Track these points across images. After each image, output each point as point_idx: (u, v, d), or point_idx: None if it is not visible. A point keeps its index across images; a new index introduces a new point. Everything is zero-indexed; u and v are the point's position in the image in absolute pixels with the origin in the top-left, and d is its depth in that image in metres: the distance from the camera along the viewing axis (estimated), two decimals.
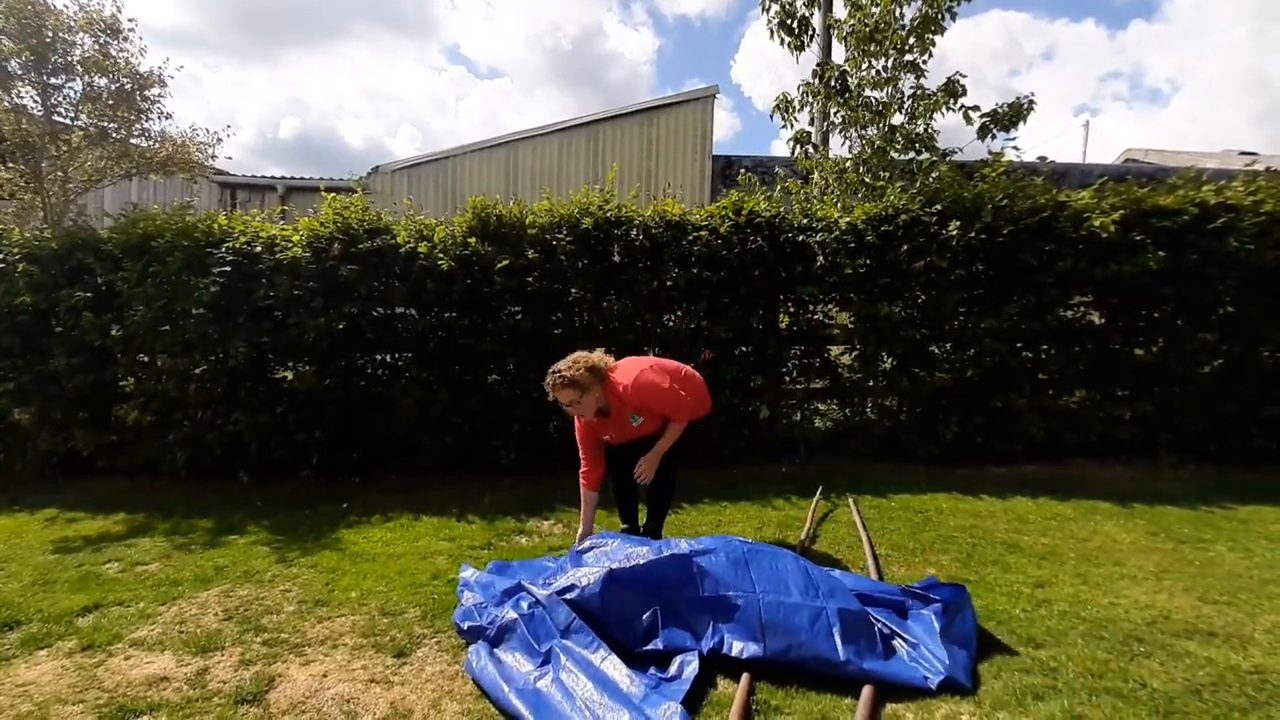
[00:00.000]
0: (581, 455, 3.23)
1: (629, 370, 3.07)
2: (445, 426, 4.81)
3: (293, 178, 12.27)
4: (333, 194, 4.82)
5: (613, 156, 11.63)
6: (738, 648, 2.22)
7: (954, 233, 4.73)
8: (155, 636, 2.52)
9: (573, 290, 4.83)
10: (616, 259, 4.91)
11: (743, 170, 7.03)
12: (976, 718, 1.98)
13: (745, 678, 2.12)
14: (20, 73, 6.22)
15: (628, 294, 4.90)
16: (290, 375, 4.59)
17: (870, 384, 5.20)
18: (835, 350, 5.34)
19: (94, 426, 4.74)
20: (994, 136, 6.14)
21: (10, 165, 6.65)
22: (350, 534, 3.66)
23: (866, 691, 2.04)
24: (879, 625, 2.35)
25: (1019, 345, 4.96)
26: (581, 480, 3.25)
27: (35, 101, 6.43)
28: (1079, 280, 4.82)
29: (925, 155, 6.16)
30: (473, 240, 4.67)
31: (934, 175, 5.64)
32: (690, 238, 4.86)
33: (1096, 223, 4.71)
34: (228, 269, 4.48)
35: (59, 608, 2.76)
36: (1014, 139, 6.24)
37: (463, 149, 11.98)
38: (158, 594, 2.90)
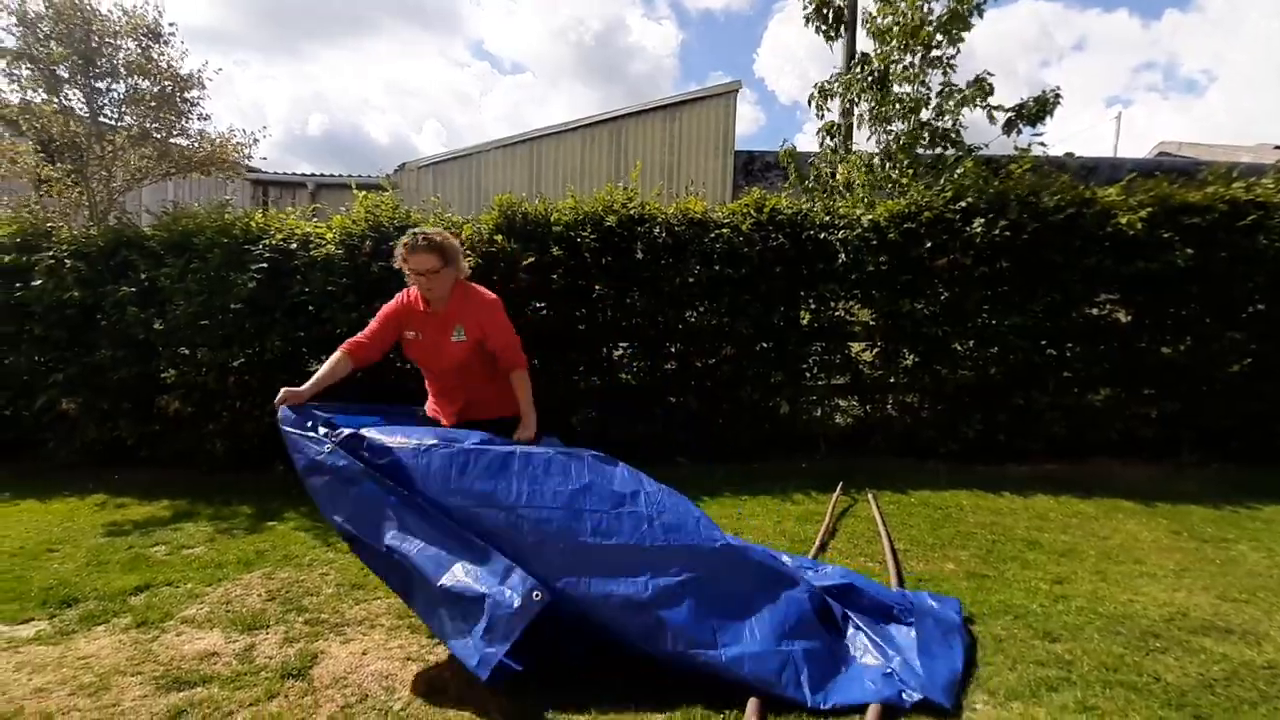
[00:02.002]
0: (367, 328, 2.77)
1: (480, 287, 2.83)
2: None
3: (323, 175, 12.54)
4: (364, 192, 4.96)
5: (635, 152, 11.69)
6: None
7: (978, 229, 4.72)
8: (204, 615, 2.67)
9: (596, 287, 4.92)
10: (639, 256, 4.99)
11: (781, 149, 6.96)
12: (991, 706, 2.03)
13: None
14: (68, 76, 6.47)
15: (650, 290, 4.97)
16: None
17: (891, 381, 5.22)
18: (856, 347, 5.37)
19: (137, 416, 4.94)
20: (1020, 131, 6.09)
21: (58, 164, 6.92)
22: None
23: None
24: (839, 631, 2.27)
25: (1043, 343, 4.94)
26: (346, 345, 2.71)
27: (81, 104, 6.69)
28: (1105, 277, 4.79)
29: (951, 151, 6.13)
30: (499, 237, 4.78)
31: (959, 171, 5.63)
32: (712, 235, 4.92)
33: (1123, 220, 4.68)
34: (265, 265, 4.63)
35: (112, 587, 2.93)
36: (1040, 134, 6.18)
37: (487, 146, 12.12)
38: (204, 575, 3.06)
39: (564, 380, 5.03)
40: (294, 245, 4.75)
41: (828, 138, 6.83)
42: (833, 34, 6.98)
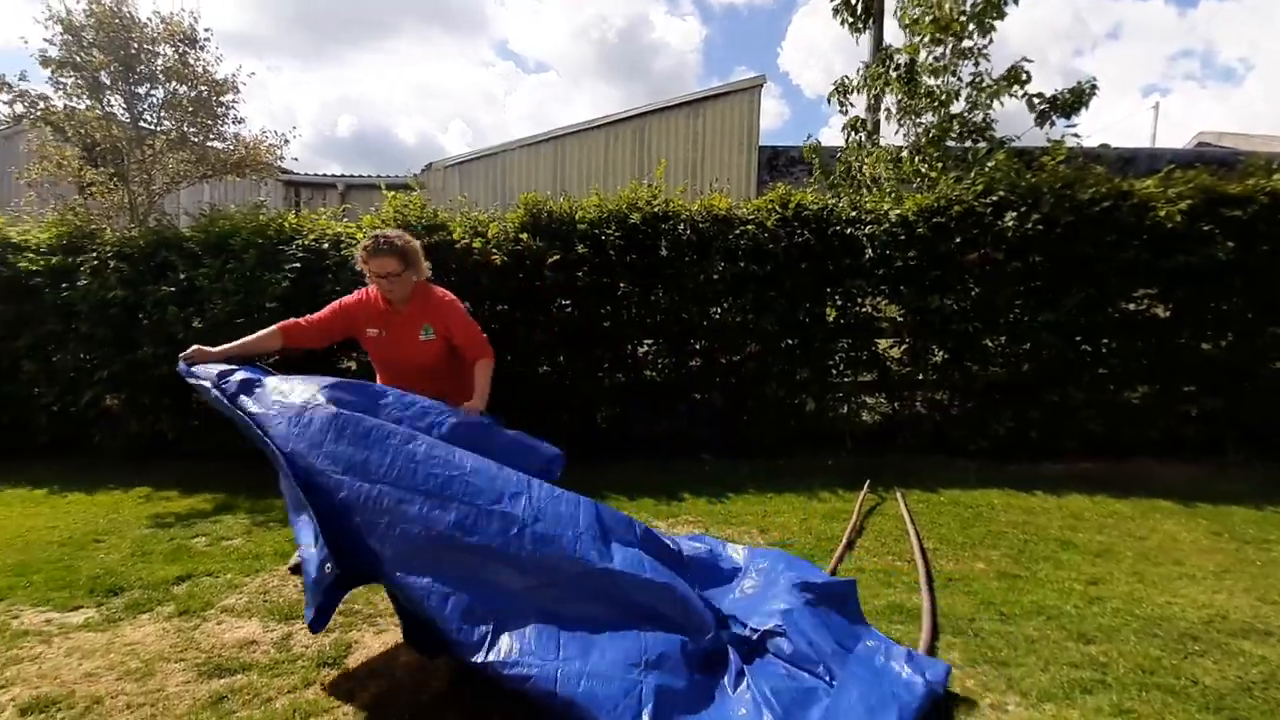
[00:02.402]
0: (316, 314, 2.79)
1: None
2: (497, 410, 4.98)
3: (352, 176, 12.76)
4: (393, 193, 5.05)
5: (659, 149, 11.68)
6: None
7: (1010, 223, 4.63)
8: (243, 605, 2.75)
9: (621, 284, 4.94)
10: (664, 253, 5.00)
11: (805, 145, 6.92)
12: (1023, 708, 2.00)
13: None
14: (109, 82, 6.69)
15: (675, 287, 4.97)
16: (354, 366, 4.85)
17: (920, 377, 5.15)
18: (883, 343, 5.31)
19: (177, 411, 5.09)
20: (1053, 123, 5.95)
21: (100, 168, 7.16)
22: None
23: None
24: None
25: (1077, 339, 4.83)
26: (283, 323, 2.74)
27: (123, 109, 6.91)
28: (1142, 272, 4.67)
29: (982, 143, 6.01)
30: (524, 236, 4.82)
31: (990, 164, 5.52)
32: (737, 231, 4.90)
33: (1162, 212, 4.55)
34: (297, 265, 4.75)
35: (156, 577, 3.03)
36: (1075, 125, 6.03)
37: (512, 145, 12.21)
38: (243, 566, 3.15)
39: (589, 377, 5.07)
40: (325, 245, 4.85)
41: (853, 132, 6.75)
42: (860, 26, 6.90)
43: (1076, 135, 5.83)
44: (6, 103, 6.64)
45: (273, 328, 2.73)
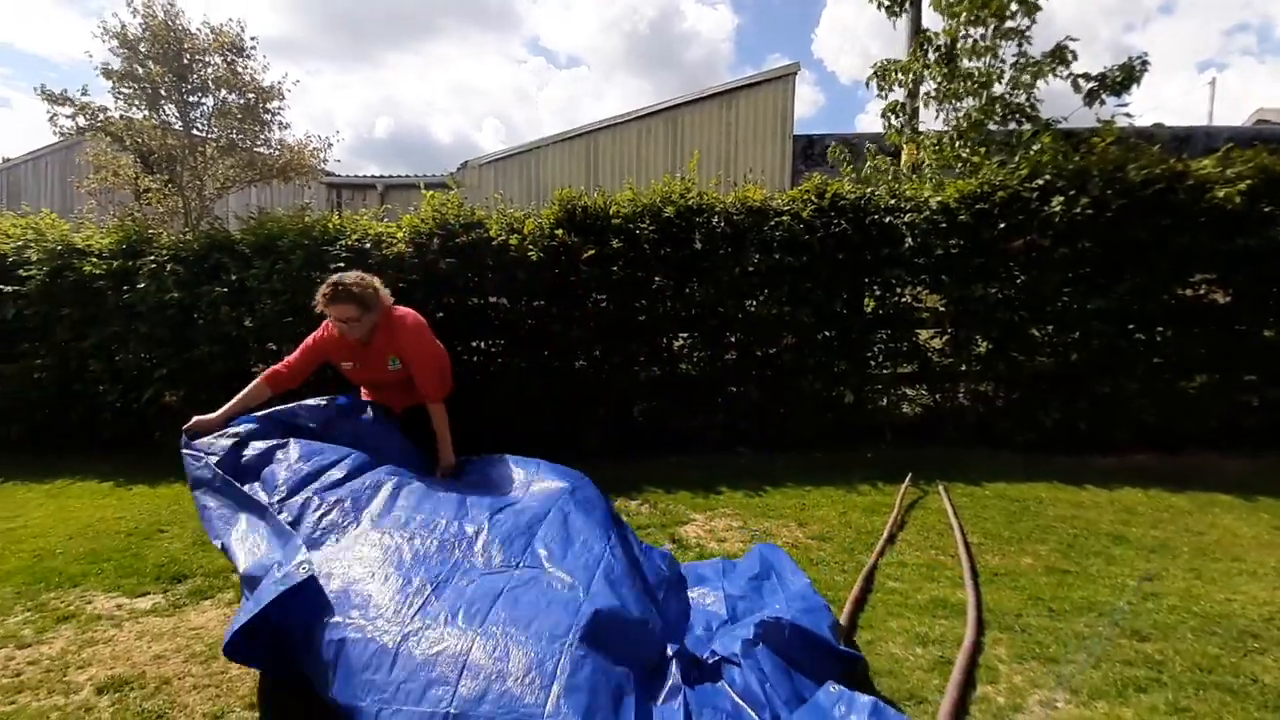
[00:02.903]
0: (290, 358, 2.98)
1: (403, 310, 3.02)
2: (536, 410, 5.06)
3: (391, 176, 13.04)
4: (431, 192, 5.15)
5: (691, 141, 11.62)
6: None
7: (1057, 208, 4.49)
8: None
9: (656, 278, 4.95)
10: (698, 246, 4.98)
11: (831, 145, 6.87)
12: (1074, 705, 1.96)
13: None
14: (164, 93, 6.98)
15: (709, 280, 4.96)
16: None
17: (963, 368, 5.04)
18: (924, 334, 5.20)
19: None
20: (1103, 102, 5.72)
21: (155, 175, 7.48)
22: None
23: (960, 663, 2.06)
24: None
25: (1130, 327, 4.66)
26: (267, 374, 2.95)
27: (176, 118, 7.21)
28: (1199, 256, 4.47)
29: (1026, 126, 5.82)
30: (560, 231, 4.87)
31: (1035, 147, 5.35)
32: (772, 223, 4.86)
33: (1220, 193, 4.35)
34: (342, 264, 4.88)
35: (216, 565, 3.17)
36: (1126, 104, 5.79)
37: (545, 141, 12.31)
38: None
39: (624, 371, 5.10)
40: (367, 244, 4.98)
41: (892, 118, 6.61)
42: (897, 9, 6.74)
43: (1128, 114, 5.62)
44: (69, 116, 6.99)
45: (258, 380, 2.99)
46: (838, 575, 2.90)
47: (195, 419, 2.77)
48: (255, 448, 2.66)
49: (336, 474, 2.55)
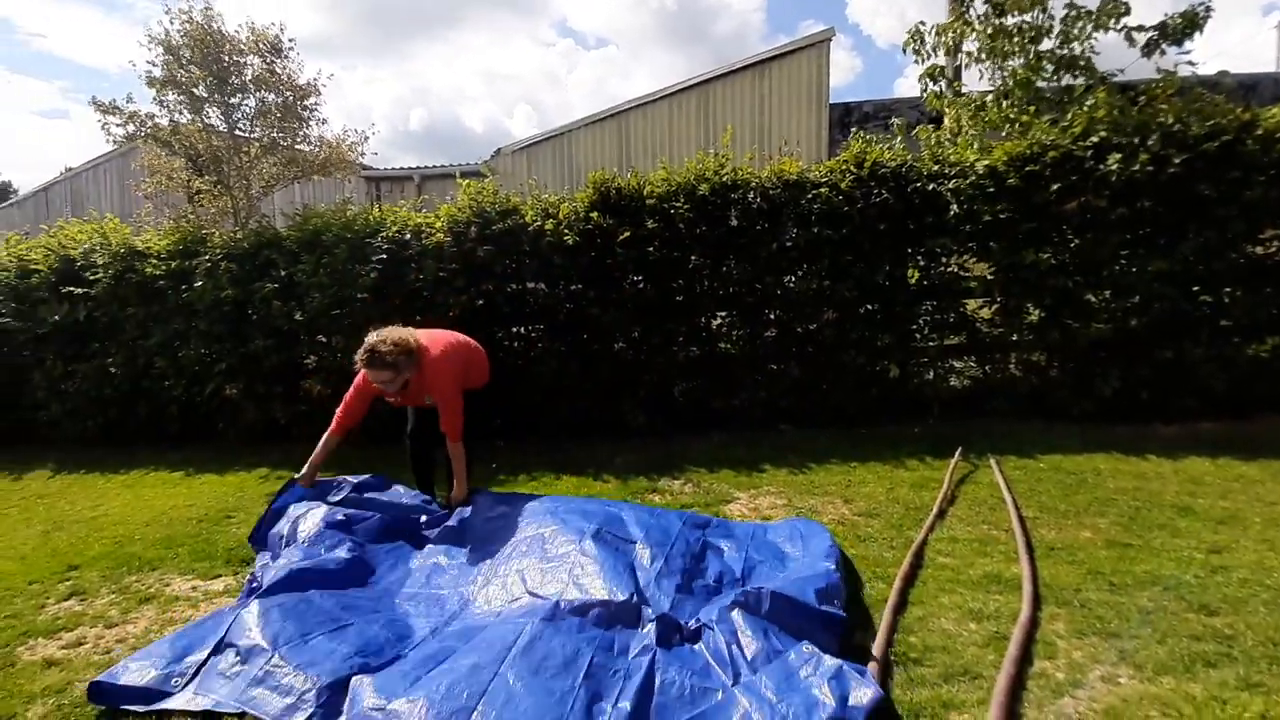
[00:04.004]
0: (343, 405, 3.37)
1: (436, 343, 3.29)
2: (577, 393, 5.11)
3: (427, 167, 13.21)
4: (467, 181, 5.20)
5: (724, 116, 11.41)
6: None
7: (1113, 166, 4.26)
8: None
9: (692, 257, 4.91)
10: (734, 223, 4.92)
11: (854, 129, 6.67)
12: (1138, 680, 1.91)
13: (884, 627, 2.17)
14: (207, 95, 7.21)
15: (747, 257, 4.90)
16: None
17: (1013, 338, 4.88)
18: (972, 304, 5.04)
19: (287, 399, 5.52)
20: (1163, 52, 5.38)
21: (205, 177, 7.76)
22: (503, 490, 4.05)
23: (1015, 641, 2.02)
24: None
25: (1195, 289, 4.42)
26: (334, 429, 3.37)
27: (220, 120, 7.44)
28: (1272, 211, 4.20)
29: (1080, 80, 5.52)
30: (594, 214, 4.87)
31: (1089, 103, 5.07)
32: (809, 196, 4.76)
33: None
34: (384, 256, 4.99)
35: None
36: (1188, 53, 5.43)
37: (576, 124, 12.26)
38: None
39: (663, 352, 5.09)
40: (407, 236, 5.07)
41: (930, 82, 6.35)
42: None
43: (1191, 63, 5.27)
44: (119, 124, 7.28)
45: (328, 435, 3.38)
46: (886, 551, 2.87)
47: (302, 476, 3.32)
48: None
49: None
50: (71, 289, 5.72)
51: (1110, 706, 1.81)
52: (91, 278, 5.68)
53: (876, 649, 2.07)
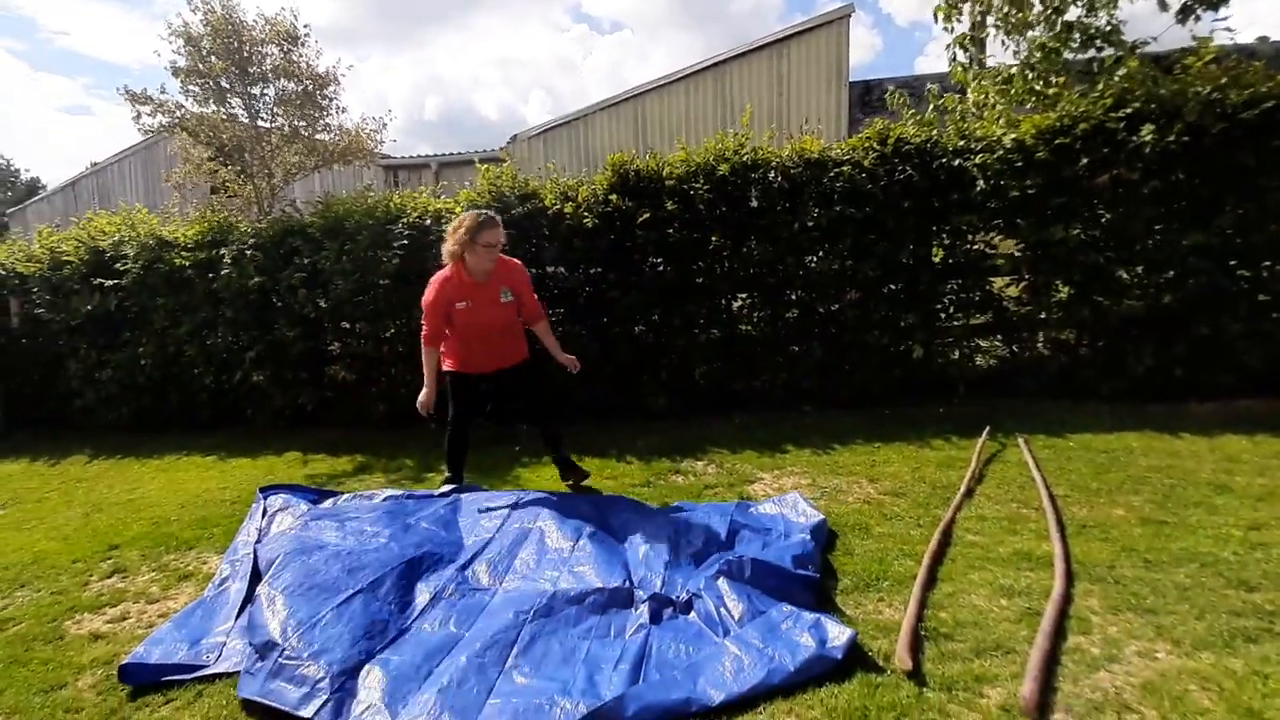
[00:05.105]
0: (430, 321, 3.37)
1: None
2: (597, 376, 5.11)
3: (444, 154, 13.25)
4: (486, 165, 5.21)
5: (742, 97, 11.28)
6: None
7: (1147, 138, 4.14)
8: None
9: (712, 238, 4.88)
10: (754, 203, 4.87)
11: (889, 90, 6.53)
12: (1176, 656, 1.88)
13: (914, 602, 2.16)
14: (228, 85, 7.27)
15: (767, 238, 4.85)
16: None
17: (1041, 316, 4.78)
18: (999, 282, 4.95)
19: (313, 385, 5.61)
20: (1198, 18, 5.19)
21: (229, 167, 7.85)
22: (528, 472, 4.09)
23: (1045, 631, 2.00)
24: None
25: (1232, 263, 4.29)
26: (431, 346, 3.42)
27: (242, 109, 7.51)
28: None
29: (1108, 51, 5.35)
30: (614, 197, 4.85)
31: (1120, 73, 4.92)
32: (831, 174, 4.69)
33: None
34: (405, 242, 5.02)
35: None
36: (1225, 19, 5.23)
37: (591, 108, 12.19)
38: None
39: (684, 334, 5.07)
40: (428, 221, 5.10)
41: (959, 51, 6.19)
42: None
43: (1228, 29, 5.07)
44: (150, 114, 7.38)
45: (429, 349, 3.43)
46: (913, 530, 2.85)
47: (426, 399, 3.43)
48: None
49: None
50: (102, 280, 5.84)
51: (1148, 681, 1.79)
52: (121, 268, 5.79)
53: (906, 622, 2.06)
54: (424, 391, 3.43)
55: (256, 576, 2.62)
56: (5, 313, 6.45)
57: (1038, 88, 5.47)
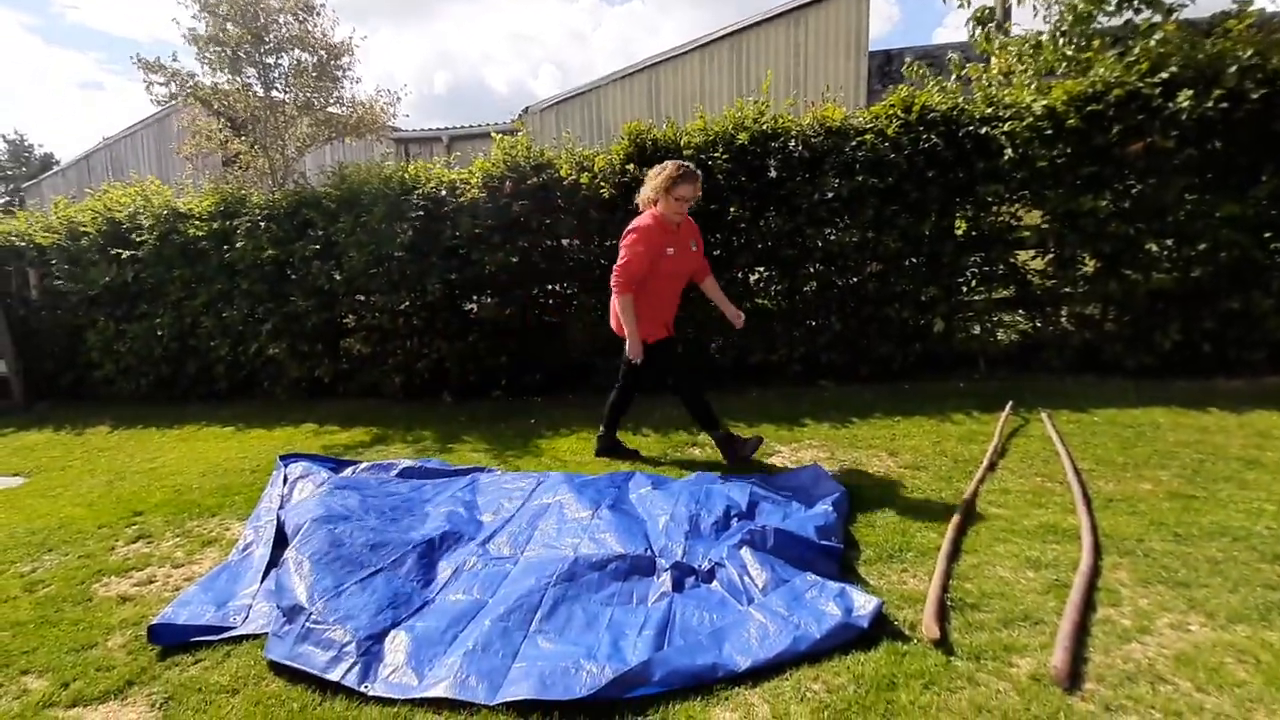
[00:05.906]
0: (637, 266, 3.20)
1: None
2: (612, 349, 5.07)
3: (455, 127, 13.11)
4: (501, 135, 5.13)
5: (758, 67, 11.04)
6: None
7: (1184, 104, 4.00)
8: None
9: (731, 209, 4.79)
10: (773, 173, 4.77)
11: (908, 61, 6.37)
12: (1209, 629, 1.85)
13: (939, 572, 2.14)
14: (243, 54, 7.18)
15: (786, 209, 4.76)
16: (475, 307, 5.11)
17: (1066, 290, 4.68)
18: (1023, 255, 4.84)
19: (329, 356, 5.62)
20: None
21: (243, 138, 7.79)
22: (544, 444, 4.09)
23: (1075, 597, 1.98)
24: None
25: (1267, 235, 4.17)
26: (634, 297, 3.26)
27: (256, 79, 7.42)
28: None
29: (1145, 14, 5.16)
30: (631, 166, 4.77)
31: (1156, 38, 4.74)
32: (853, 143, 4.58)
33: None
34: (420, 214, 4.98)
35: None
36: None
37: (604, 80, 11.99)
38: None
39: (701, 307, 5.01)
40: (443, 192, 5.05)
41: (978, 25, 5.99)
42: None
43: None
44: (162, 84, 7.32)
45: (631, 296, 3.26)
46: (935, 502, 2.82)
47: (636, 351, 3.32)
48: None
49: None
50: (119, 251, 5.85)
51: (1182, 652, 1.76)
52: (138, 239, 5.80)
53: (931, 592, 2.04)
54: (631, 343, 3.28)
55: (280, 542, 2.64)
56: (25, 284, 6.49)
57: (1069, 53, 5.29)
